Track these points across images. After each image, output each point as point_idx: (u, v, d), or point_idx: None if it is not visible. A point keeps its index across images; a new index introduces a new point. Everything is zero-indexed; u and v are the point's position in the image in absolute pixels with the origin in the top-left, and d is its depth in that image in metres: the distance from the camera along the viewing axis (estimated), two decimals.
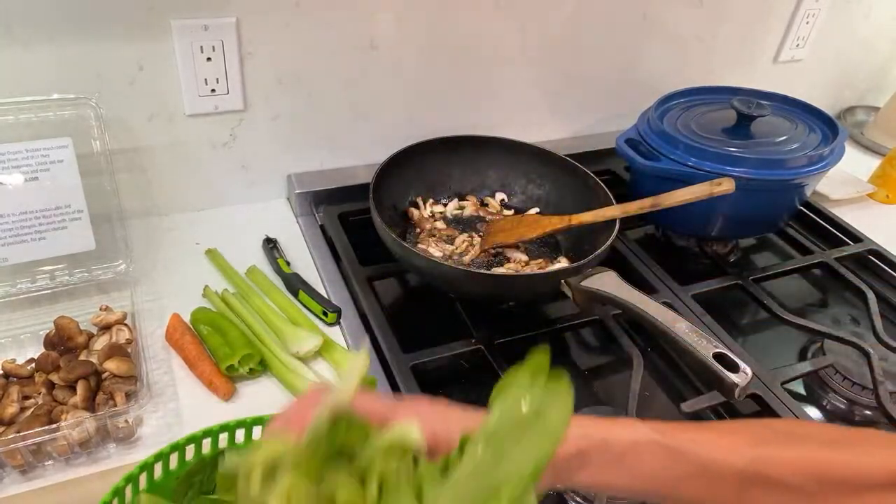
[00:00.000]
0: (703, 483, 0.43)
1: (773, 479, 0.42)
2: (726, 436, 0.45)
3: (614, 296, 0.71)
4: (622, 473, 0.43)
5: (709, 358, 0.61)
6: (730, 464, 0.42)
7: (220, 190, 0.95)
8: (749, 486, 0.42)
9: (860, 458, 0.43)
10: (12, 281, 0.73)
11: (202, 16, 0.79)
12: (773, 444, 0.44)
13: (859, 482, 0.42)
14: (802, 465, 0.43)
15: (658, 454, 0.43)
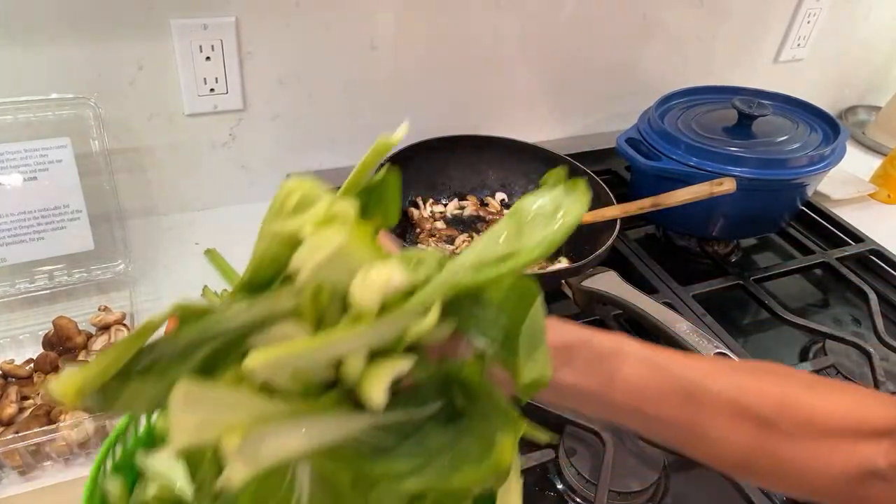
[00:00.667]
0: (680, 402, 0.42)
1: (751, 410, 0.42)
2: (710, 363, 0.45)
3: (615, 296, 0.71)
4: (603, 378, 0.43)
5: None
6: (708, 387, 0.42)
7: (219, 190, 0.95)
8: (725, 414, 0.42)
9: (838, 404, 0.42)
10: (11, 281, 0.73)
11: (202, 15, 0.79)
12: (755, 376, 0.44)
13: (833, 428, 0.41)
14: (781, 400, 0.42)
15: (640, 365, 0.43)
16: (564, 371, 0.43)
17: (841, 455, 0.41)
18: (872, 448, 0.41)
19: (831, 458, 0.41)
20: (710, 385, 0.42)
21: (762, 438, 0.42)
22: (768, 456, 0.42)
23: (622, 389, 0.43)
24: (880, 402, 0.43)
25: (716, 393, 0.42)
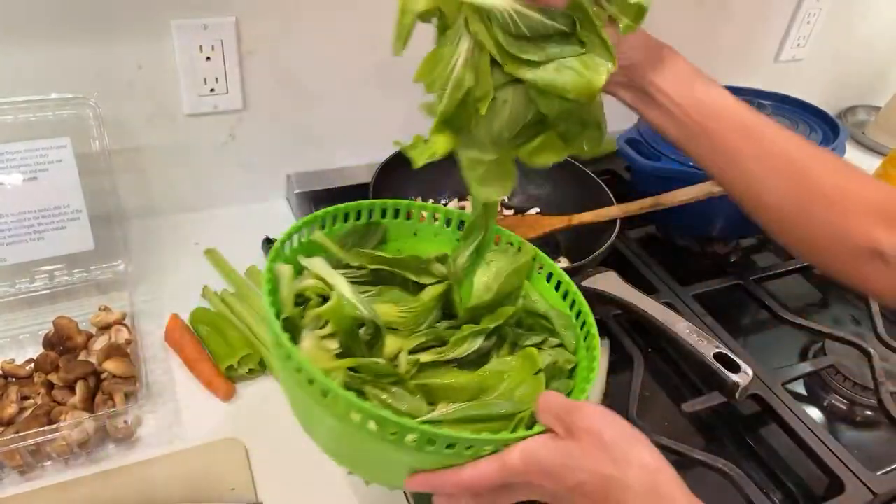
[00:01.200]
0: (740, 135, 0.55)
1: (796, 165, 0.51)
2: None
3: (615, 296, 0.71)
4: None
5: (709, 358, 0.61)
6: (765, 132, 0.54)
7: (219, 190, 0.95)
8: (775, 160, 0.52)
9: (864, 187, 0.49)
10: (11, 281, 0.73)
11: (202, 15, 0.79)
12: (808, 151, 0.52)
13: (856, 208, 0.48)
14: (819, 172, 0.51)
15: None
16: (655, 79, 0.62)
17: (857, 231, 0.48)
18: (883, 233, 0.47)
19: (848, 232, 0.48)
20: (767, 132, 0.53)
21: (798, 190, 0.50)
22: (798, 212, 0.50)
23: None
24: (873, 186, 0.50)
25: (770, 139, 0.52)
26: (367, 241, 0.60)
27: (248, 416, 0.68)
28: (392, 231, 0.62)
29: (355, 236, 0.60)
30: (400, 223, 0.63)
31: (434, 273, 0.58)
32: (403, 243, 0.63)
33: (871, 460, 0.69)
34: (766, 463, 0.72)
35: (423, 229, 0.63)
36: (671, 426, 0.75)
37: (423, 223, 0.63)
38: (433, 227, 0.63)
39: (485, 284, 0.57)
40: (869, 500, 0.65)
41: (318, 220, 0.58)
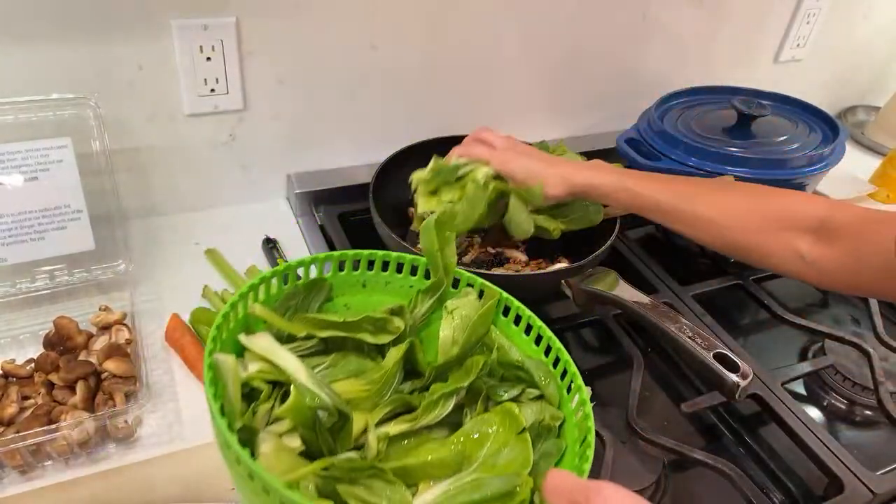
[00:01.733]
0: (654, 209, 0.71)
1: (707, 215, 0.69)
2: (670, 184, 0.72)
3: (614, 296, 0.71)
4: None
5: (709, 358, 0.61)
6: (658, 198, 0.71)
7: (219, 190, 0.95)
8: (678, 219, 0.70)
9: (758, 204, 0.67)
10: (12, 281, 0.73)
11: (202, 15, 0.79)
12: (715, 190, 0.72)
13: (772, 224, 0.66)
14: (729, 205, 0.68)
15: (624, 195, 0.72)
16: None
17: (778, 244, 0.65)
18: (799, 240, 0.64)
19: (770, 246, 0.66)
20: (658, 200, 0.71)
21: (717, 231, 0.68)
22: (721, 239, 0.69)
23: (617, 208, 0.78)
24: (807, 201, 0.66)
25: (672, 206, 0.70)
26: (312, 301, 0.56)
27: None
28: (337, 285, 0.58)
29: (298, 298, 0.55)
30: (345, 276, 0.58)
31: (391, 330, 0.53)
32: (351, 297, 0.58)
33: (870, 460, 0.69)
34: (765, 463, 0.72)
35: (372, 279, 0.59)
36: (671, 426, 0.75)
37: (371, 273, 0.59)
38: (382, 276, 0.59)
39: (449, 338, 0.54)
40: (868, 499, 0.65)
41: (255, 289, 0.52)
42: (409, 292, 0.59)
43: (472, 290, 0.58)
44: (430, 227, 0.56)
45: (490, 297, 0.56)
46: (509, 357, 0.54)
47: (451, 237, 0.57)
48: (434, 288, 0.57)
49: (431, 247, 0.56)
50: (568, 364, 0.53)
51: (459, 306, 0.56)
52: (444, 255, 0.57)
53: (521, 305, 0.57)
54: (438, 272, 0.57)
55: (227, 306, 0.49)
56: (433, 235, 0.56)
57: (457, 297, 0.57)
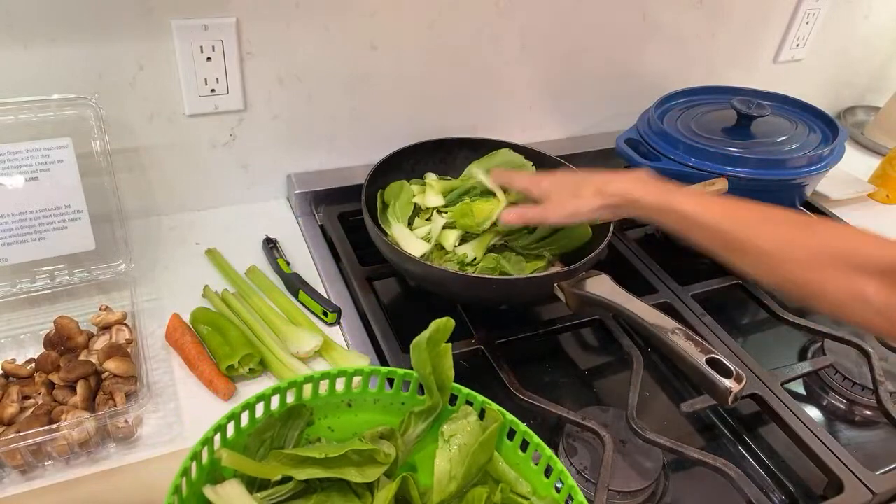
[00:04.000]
0: (707, 235, 0.64)
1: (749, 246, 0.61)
2: (724, 209, 0.64)
3: (607, 300, 0.71)
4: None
5: (702, 363, 0.60)
6: (714, 224, 0.63)
7: (220, 190, 0.95)
8: (733, 248, 0.62)
9: (820, 239, 0.58)
10: (12, 281, 0.73)
11: (202, 16, 0.79)
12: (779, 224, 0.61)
13: (817, 258, 0.57)
14: (775, 237, 0.60)
15: (671, 217, 0.66)
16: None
17: (837, 283, 0.55)
18: (864, 281, 0.54)
19: (828, 284, 0.56)
20: (715, 223, 0.63)
21: (772, 264, 0.60)
22: (775, 274, 0.60)
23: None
24: (876, 243, 0.57)
25: (726, 231, 0.63)
26: (290, 430, 0.51)
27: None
28: (319, 407, 0.53)
29: (273, 429, 0.50)
30: (328, 397, 0.53)
31: (381, 460, 0.48)
32: (335, 419, 0.54)
33: (870, 460, 0.69)
34: (765, 462, 0.72)
35: (358, 397, 0.54)
36: (670, 426, 0.75)
37: (357, 390, 0.54)
38: (370, 392, 0.54)
39: (447, 472, 0.49)
40: (868, 499, 0.65)
41: (222, 429, 0.48)
42: (400, 409, 0.54)
43: (472, 410, 0.52)
44: (420, 345, 0.50)
45: (492, 421, 0.50)
46: (517, 490, 0.49)
47: (445, 351, 0.51)
48: (429, 412, 0.52)
49: (423, 368, 0.51)
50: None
51: (457, 432, 0.50)
52: (437, 373, 0.51)
53: (527, 430, 0.51)
54: (433, 395, 0.51)
55: (188, 457, 0.44)
56: (425, 355, 0.50)
57: (454, 421, 0.51)
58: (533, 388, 0.71)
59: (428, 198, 0.89)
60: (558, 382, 0.79)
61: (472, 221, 0.83)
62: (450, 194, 0.90)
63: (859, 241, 0.58)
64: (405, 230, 0.86)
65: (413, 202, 0.89)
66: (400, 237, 0.85)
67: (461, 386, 0.53)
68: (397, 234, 0.85)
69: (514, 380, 0.72)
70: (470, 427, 0.51)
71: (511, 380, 0.72)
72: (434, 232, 0.85)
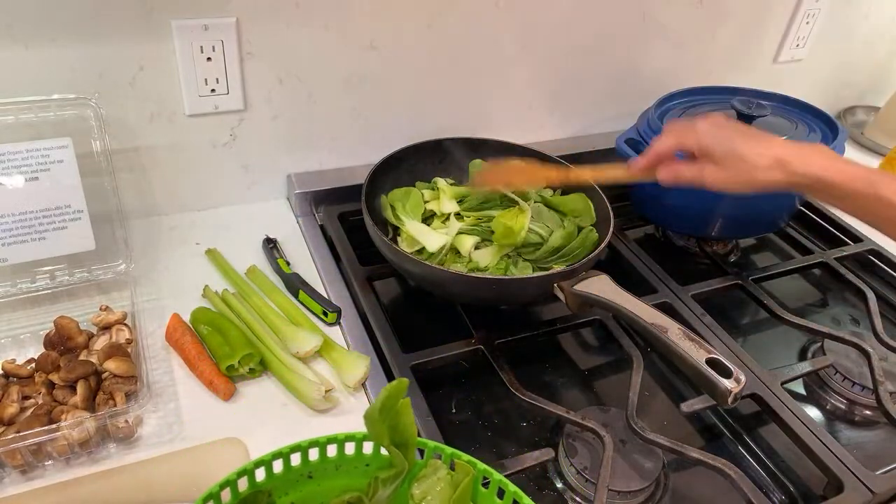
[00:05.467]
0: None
1: None
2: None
3: (607, 300, 0.71)
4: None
5: (702, 364, 0.60)
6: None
7: (220, 190, 0.95)
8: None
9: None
10: (12, 281, 0.73)
11: (202, 16, 0.79)
12: None
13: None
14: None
15: (876, 205, 0.60)
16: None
17: None
18: None
19: None
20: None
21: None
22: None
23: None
24: None
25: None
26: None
27: (249, 415, 0.68)
28: (278, 486, 0.50)
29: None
30: (284, 474, 0.51)
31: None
32: (297, 493, 0.51)
33: (870, 460, 0.69)
34: (765, 462, 0.72)
35: (318, 467, 0.52)
36: (670, 425, 0.75)
37: (316, 461, 0.51)
38: (330, 460, 0.52)
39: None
40: (868, 499, 0.65)
41: (212, 497, 0.45)
42: (365, 471, 0.52)
43: (441, 465, 0.50)
44: (373, 416, 0.47)
45: (464, 475, 0.48)
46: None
47: (404, 408, 0.48)
48: (395, 476, 0.49)
49: (381, 440, 0.48)
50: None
51: (428, 493, 0.48)
52: (399, 435, 0.48)
53: (502, 479, 0.49)
54: (397, 461, 0.49)
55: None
56: (380, 426, 0.47)
57: (424, 479, 0.49)
58: (533, 388, 0.71)
59: (443, 204, 0.89)
60: (558, 382, 0.79)
61: (513, 240, 0.82)
62: (465, 200, 0.90)
63: None
64: (421, 225, 0.87)
65: (424, 204, 0.90)
66: (416, 232, 0.85)
67: (426, 440, 0.51)
68: (413, 230, 0.85)
69: (514, 380, 0.72)
70: (441, 485, 0.48)
71: (511, 380, 0.72)
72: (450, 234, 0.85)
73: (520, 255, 0.84)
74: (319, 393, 0.67)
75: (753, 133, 0.66)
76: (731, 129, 0.66)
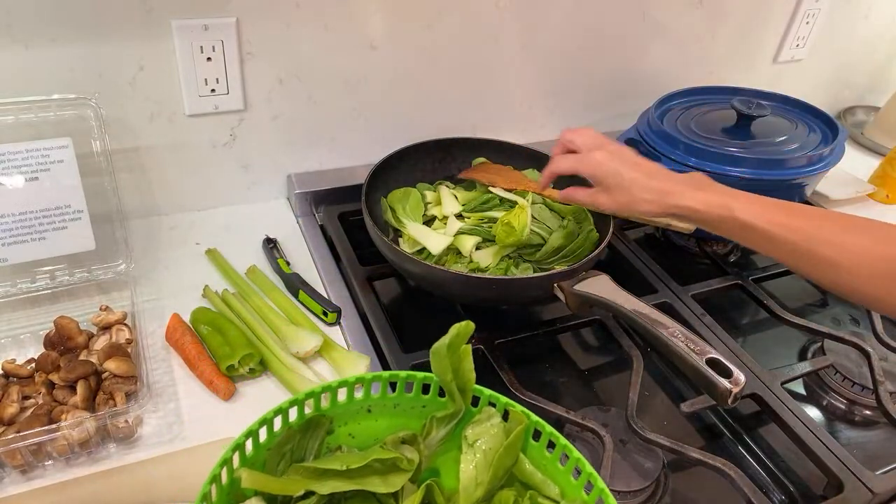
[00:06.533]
0: (772, 252, 0.63)
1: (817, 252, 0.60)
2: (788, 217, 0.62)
3: (607, 300, 0.70)
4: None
5: (702, 364, 0.60)
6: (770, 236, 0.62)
7: (220, 190, 0.95)
8: (804, 259, 0.61)
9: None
10: (12, 281, 0.73)
11: (202, 16, 0.79)
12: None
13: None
14: (853, 247, 0.59)
15: (732, 226, 0.65)
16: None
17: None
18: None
19: (888, 293, 0.56)
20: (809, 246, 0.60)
21: (838, 275, 0.59)
22: (843, 284, 0.59)
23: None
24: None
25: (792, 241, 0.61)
26: (310, 442, 0.50)
27: (249, 415, 0.67)
28: (339, 415, 0.52)
29: (293, 442, 0.49)
30: (346, 404, 0.52)
31: (404, 467, 0.48)
32: (356, 425, 0.53)
33: (869, 460, 0.69)
34: (765, 462, 0.72)
35: (378, 403, 0.53)
36: (670, 425, 0.75)
37: (377, 396, 0.53)
38: (389, 397, 0.53)
39: (472, 478, 0.48)
40: (868, 499, 0.65)
41: (241, 446, 0.47)
42: (421, 413, 0.53)
43: (495, 412, 0.51)
44: (440, 351, 0.49)
45: (517, 424, 0.49)
46: (545, 493, 0.48)
47: (466, 353, 0.50)
48: (451, 417, 0.51)
49: (444, 375, 0.50)
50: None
51: (481, 436, 0.49)
52: (458, 377, 0.50)
53: (553, 431, 0.49)
54: (455, 400, 0.51)
55: (207, 481, 0.43)
56: (445, 361, 0.49)
57: (477, 424, 0.50)
58: (533, 388, 0.71)
59: (446, 206, 0.90)
60: (558, 382, 0.79)
61: (516, 238, 0.82)
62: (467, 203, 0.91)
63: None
64: (422, 227, 0.87)
65: (424, 205, 0.90)
66: (418, 235, 0.85)
67: (483, 387, 0.52)
68: (415, 233, 0.86)
69: (514, 380, 0.72)
70: (494, 430, 0.50)
71: (511, 380, 0.72)
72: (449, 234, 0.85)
73: (520, 256, 0.85)
74: None
75: (644, 167, 0.71)
76: (625, 161, 0.71)
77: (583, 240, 0.83)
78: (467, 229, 0.86)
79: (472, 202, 0.90)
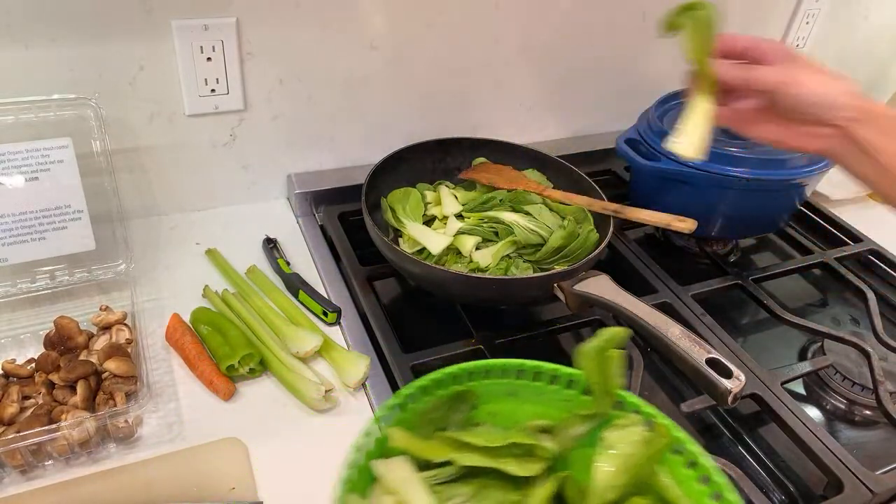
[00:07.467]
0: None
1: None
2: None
3: (607, 300, 0.70)
4: None
5: (702, 364, 0.60)
6: None
7: (220, 190, 0.95)
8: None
9: None
10: (12, 281, 0.73)
11: (202, 16, 0.79)
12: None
13: None
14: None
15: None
16: None
17: None
18: None
19: None
20: None
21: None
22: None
23: None
24: None
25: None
26: (455, 413, 0.52)
27: (249, 415, 0.68)
28: (483, 393, 0.54)
29: (441, 410, 0.52)
30: (491, 384, 0.54)
31: (541, 454, 0.49)
32: (498, 405, 0.54)
33: (870, 459, 0.69)
34: (765, 462, 0.72)
35: (523, 389, 0.55)
36: None
37: (521, 382, 0.55)
38: (534, 385, 0.55)
39: (608, 479, 0.47)
40: (868, 499, 0.65)
41: (399, 406, 0.50)
42: (563, 405, 0.54)
43: (638, 420, 0.51)
44: (589, 353, 0.50)
45: (661, 438, 0.49)
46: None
47: (614, 357, 0.51)
48: (593, 417, 0.51)
49: (591, 376, 0.51)
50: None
51: (621, 441, 0.49)
52: (605, 381, 0.51)
53: (698, 451, 0.49)
54: (600, 401, 0.51)
55: (363, 433, 0.46)
56: (593, 364, 0.50)
57: (618, 428, 0.50)
58: None
59: (445, 206, 0.90)
60: None
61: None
62: (467, 203, 0.91)
63: None
64: (422, 227, 0.87)
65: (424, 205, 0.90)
66: (418, 235, 0.85)
67: (627, 394, 0.52)
68: (415, 233, 0.86)
69: None
70: (635, 437, 0.49)
71: None
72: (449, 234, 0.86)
73: (520, 256, 0.85)
74: (319, 393, 0.67)
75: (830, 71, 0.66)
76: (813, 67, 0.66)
77: (583, 240, 0.83)
78: (467, 229, 0.86)
79: (472, 202, 0.90)
